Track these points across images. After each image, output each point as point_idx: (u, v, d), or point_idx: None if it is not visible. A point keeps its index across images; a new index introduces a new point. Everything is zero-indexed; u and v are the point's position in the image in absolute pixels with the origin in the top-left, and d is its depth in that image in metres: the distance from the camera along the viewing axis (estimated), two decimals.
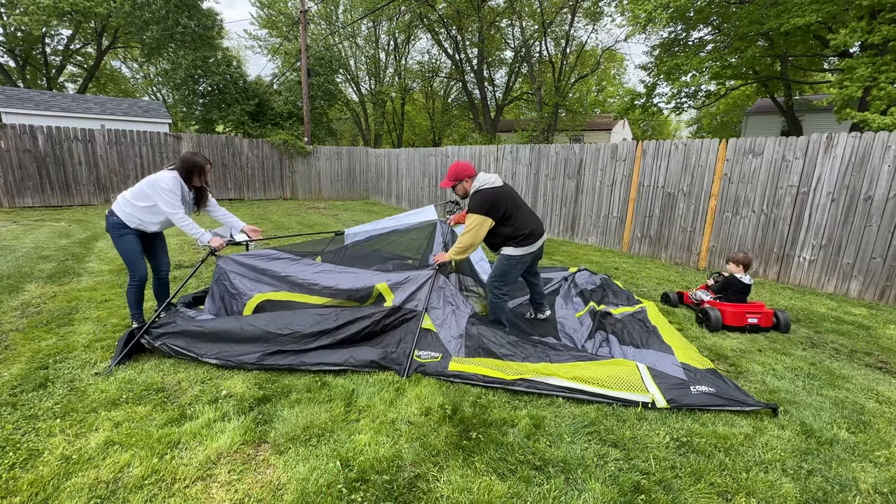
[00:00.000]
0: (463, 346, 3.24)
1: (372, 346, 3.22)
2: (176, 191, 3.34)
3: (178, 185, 3.37)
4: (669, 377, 2.83)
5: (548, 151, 9.19)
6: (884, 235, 5.05)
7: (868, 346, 3.84)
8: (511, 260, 3.56)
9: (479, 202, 3.43)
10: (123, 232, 3.39)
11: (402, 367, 2.98)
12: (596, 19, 21.25)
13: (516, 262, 3.57)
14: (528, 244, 3.53)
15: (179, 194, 3.38)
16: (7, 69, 23.54)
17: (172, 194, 3.31)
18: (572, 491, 1.99)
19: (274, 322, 3.22)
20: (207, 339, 3.14)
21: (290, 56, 22.69)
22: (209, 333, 3.16)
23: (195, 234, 3.43)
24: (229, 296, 3.64)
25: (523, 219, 3.54)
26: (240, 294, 3.62)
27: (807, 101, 18.21)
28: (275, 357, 3.04)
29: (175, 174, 3.39)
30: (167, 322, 3.26)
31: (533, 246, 3.57)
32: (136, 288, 3.53)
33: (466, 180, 3.60)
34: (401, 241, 4.50)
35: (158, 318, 3.33)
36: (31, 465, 2.05)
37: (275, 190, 14.99)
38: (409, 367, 2.98)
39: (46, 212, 10.43)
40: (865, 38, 9.71)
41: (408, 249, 4.55)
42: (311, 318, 3.25)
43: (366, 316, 3.29)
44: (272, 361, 3.01)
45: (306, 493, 1.92)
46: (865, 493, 2.05)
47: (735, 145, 6.26)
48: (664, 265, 6.93)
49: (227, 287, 3.65)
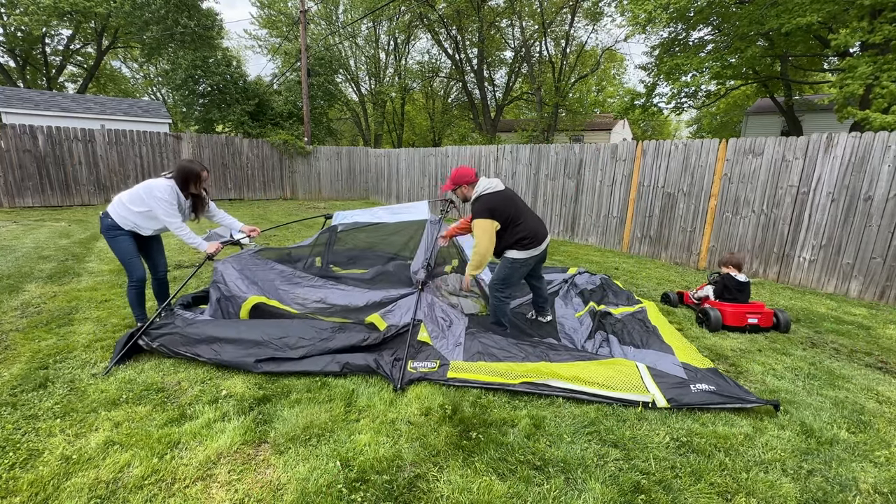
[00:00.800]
0: (462, 352, 3.15)
1: (369, 353, 3.13)
2: (172, 200, 3.32)
3: (174, 193, 3.34)
4: (670, 376, 2.83)
5: (548, 151, 9.19)
6: (884, 235, 5.05)
7: (868, 346, 3.84)
8: (515, 263, 3.55)
9: (481, 208, 3.44)
10: (117, 233, 3.37)
11: (396, 379, 2.84)
12: (596, 19, 21.24)
13: (520, 265, 3.56)
14: (532, 247, 3.52)
15: (176, 203, 3.36)
16: (7, 69, 23.53)
17: (168, 204, 3.29)
18: (572, 491, 1.99)
19: (271, 331, 3.19)
20: (205, 342, 3.13)
21: (290, 56, 22.69)
22: (207, 337, 3.15)
23: (193, 243, 3.41)
24: (225, 298, 3.64)
25: (526, 222, 3.53)
26: (234, 297, 3.62)
27: (807, 101, 18.21)
28: (269, 364, 2.98)
29: (171, 182, 3.36)
30: (166, 323, 3.26)
31: (536, 249, 3.55)
32: (135, 289, 3.51)
33: (466, 186, 3.60)
34: (394, 239, 4.49)
35: (157, 320, 3.33)
36: (31, 465, 2.05)
37: (275, 190, 15.00)
38: (403, 378, 2.85)
39: (46, 212, 10.43)
40: (866, 38, 9.70)
41: (405, 248, 4.56)
42: (310, 331, 3.21)
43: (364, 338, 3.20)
44: (268, 368, 2.95)
45: (306, 493, 1.92)
46: (865, 493, 2.05)
47: (735, 145, 6.25)
48: (664, 265, 6.93)
49: (223, 291, 3.65)
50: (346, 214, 4.46)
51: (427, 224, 4.10)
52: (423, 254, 3.81)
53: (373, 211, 4.58)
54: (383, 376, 2.93)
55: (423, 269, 3.65)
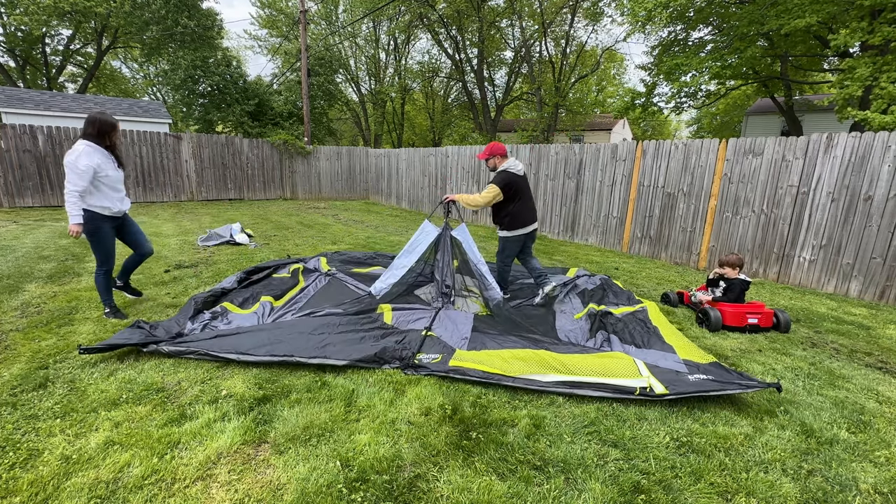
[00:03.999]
0: (466, 345, 3.31)
1: (374, 341, 3.28)
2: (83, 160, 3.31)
3: (89, 152, 3.37)
4: (669, 370, 2.86)
5: (548, 151, 9.19)
6: (884, 235, 5.05)
7: (868, 346, 3.84)
8: (505, 241, 4.52)
9: (500, 178, 4.29)
10: (97, 224, 3.50)
11: (407, 357, 3.08)
12: (596, 19, 21.24)
13: (509, 241, 4.50)
14: (515, 229, 4.41)
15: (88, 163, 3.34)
16: (7, 69, 23.52)
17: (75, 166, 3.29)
18: (572, 491, 1.99)
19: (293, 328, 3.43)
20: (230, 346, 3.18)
21: (290, 56, 22.72)
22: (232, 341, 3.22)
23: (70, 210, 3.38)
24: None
25: (520, 208, 4.37)
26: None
27: (807, 101, 18.22)
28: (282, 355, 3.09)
29: (84, 141, 3.39)
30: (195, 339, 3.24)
31: (520, 231, 4.42)
32: (104, 275, 3.69)
33: (499, 157, 4.46)
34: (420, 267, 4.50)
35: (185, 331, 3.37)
36: (31, 465, 2.05)
37: (275, 190, 15.00)
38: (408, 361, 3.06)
39: (46, 212, 10.43)
40: (866, 39, 9.71)
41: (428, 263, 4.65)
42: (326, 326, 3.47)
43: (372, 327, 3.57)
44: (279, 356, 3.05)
45: (306, 493, 1.92)
46: (865, 493, 2.05)
47: (735, 145, 6.25)
48: (664, 265, 6.93)
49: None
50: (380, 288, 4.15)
51: (441, 235, 4.40)
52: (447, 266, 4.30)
53: (394, 265, 4.28)
54: (388, 361, 3.09)
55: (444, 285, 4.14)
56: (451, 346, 3.25)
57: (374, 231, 9.32)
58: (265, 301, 4.05)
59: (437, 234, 4.38)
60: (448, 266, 4.31)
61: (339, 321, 3.57)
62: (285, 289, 4.49)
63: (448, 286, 4.24)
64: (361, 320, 3.64)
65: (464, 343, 3.32)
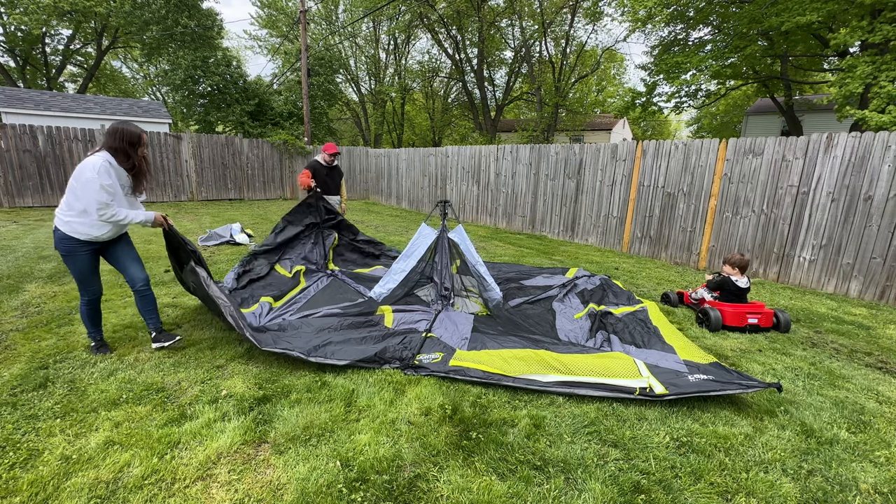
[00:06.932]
0: (466, 345, 3.33)
1: (375, 342, 3.30)
2: (104, 179, 2.74)
3: (108, 169, 2.78)
4: (669, 371, 2.86)
5: (548, 151, 9.19)
6: (884, 235, 5.05)
7: (868, 346, 3.84)
8: None
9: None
10: (73, 248, 2.88)
11: (407, 357, 3.10)
12: (596, 19, 21.23)
13: None
14: None
15: (111, 181, 2.78)
16: (7, 69, 23.52)
17: (99, 185, 2.71)
18: (572, 491, 1.99)
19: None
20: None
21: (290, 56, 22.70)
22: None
23: (139, 220, 2.94)
24: None
25: None
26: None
27: (807, 101, 18.20)
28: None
29: (104, 155, 2.79)
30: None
31: None
32: (87, 306, 3.10)
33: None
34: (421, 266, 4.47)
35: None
36: (31, 465, 2.05)
37: (275, 190, 15.00)
38: (408, 362, 3.08)
39: (46, 212, 10.43)
40: (866, 38, 9.71)
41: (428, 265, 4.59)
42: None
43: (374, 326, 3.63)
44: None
45: (306, 493, 1.92)
46: (865, 493, 2.05)
47: (735, 145, 6.25)
48: (664, 265, 6.93)
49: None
50: (379, 293, 4.11)
51: (438, 238, 4.37)
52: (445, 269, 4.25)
53: (393, 269, 4.24)
54: (388, 361, 3.10)
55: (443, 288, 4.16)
56: (452, 346, 3.27)
57: (374, 231, 9.31)
58: (264, 301, 4.06)
59: (434, 236, 4.37)
60: (447, 269, 4.32)
61: (340, 322, 3.60)
62: (285, 289, 4.49)
63: (447, 289, 4.25)
64: (362, 322, 3.67)
65: (464, 343, 3.34)
